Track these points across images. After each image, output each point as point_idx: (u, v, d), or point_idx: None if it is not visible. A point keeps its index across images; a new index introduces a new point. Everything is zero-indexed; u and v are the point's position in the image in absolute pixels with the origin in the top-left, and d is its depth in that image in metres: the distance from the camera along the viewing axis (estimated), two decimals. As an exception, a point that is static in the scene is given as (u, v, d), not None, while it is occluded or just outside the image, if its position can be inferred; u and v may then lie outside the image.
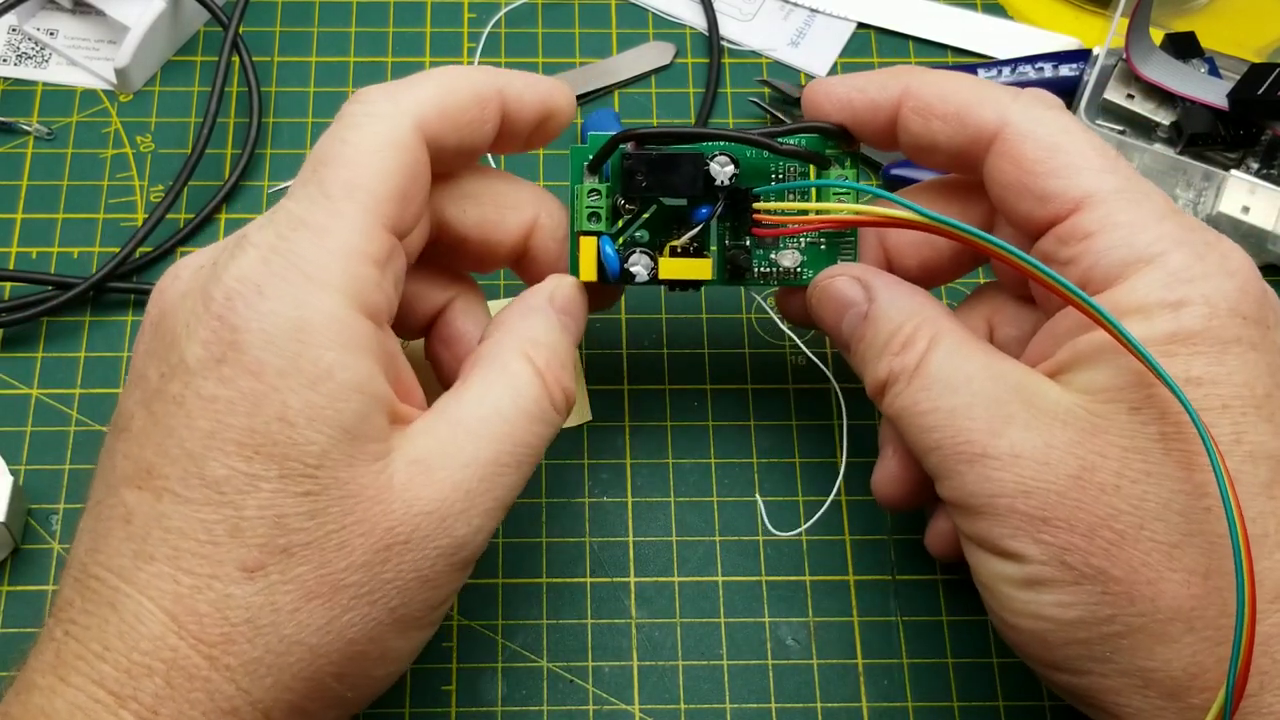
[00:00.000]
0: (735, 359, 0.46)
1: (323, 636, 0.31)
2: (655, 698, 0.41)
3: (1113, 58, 0.50)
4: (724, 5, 0.54)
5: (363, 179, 0.32)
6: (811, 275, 0.39)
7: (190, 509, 0.30)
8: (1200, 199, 0.48)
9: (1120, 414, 0.32)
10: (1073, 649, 0.32)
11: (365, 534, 0.31)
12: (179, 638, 0.30)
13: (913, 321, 0.35)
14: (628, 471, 0.44)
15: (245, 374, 0.30)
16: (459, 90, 0.35)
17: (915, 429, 0.34)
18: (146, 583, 0.30)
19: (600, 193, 0.37)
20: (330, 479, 0.30)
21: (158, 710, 0.30)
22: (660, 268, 0.37)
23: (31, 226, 0.48)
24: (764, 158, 0.38)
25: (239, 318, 0.31)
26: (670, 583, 0.43)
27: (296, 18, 0.53)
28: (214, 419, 0.30)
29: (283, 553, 0.30)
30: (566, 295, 0.37)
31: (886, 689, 0.41)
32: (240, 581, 0.30)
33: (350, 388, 0.31)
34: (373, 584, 0.31)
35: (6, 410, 0.45)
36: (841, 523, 0.44)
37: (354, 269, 0.32)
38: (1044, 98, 0.36)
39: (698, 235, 0.37)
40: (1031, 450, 0.32)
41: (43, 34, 0.52)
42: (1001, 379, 0.33)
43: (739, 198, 0.37)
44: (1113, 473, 0.31)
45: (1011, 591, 0.33)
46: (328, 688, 0.31)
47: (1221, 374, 0.31)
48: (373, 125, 0.33)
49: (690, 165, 0.37)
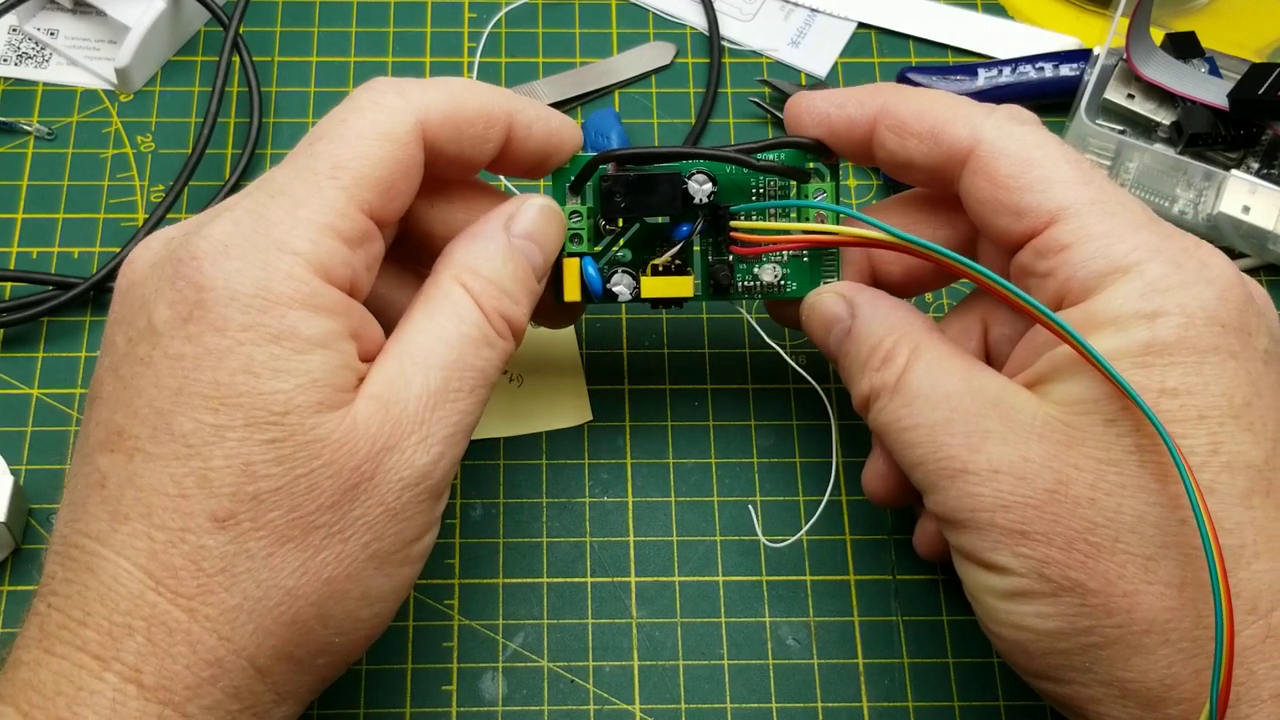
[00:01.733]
0: (735, 359, 0.46)
1: (299, 578, 0.31)
2: (656, 697, 0.41)
3: (1113, 58, 0.50)
4: (724, 5, 0.54)
5: (351, 161, 0.33)
6: (795, 287, 0.39)
7: (160, 465, 0.31)
8: (1200, 199, 0.48)
9: (1096, 426, 0.32)
10: (1054, 659, 0.32)
11: (333, 475, 0.31)
12: (157, 594, 0.30)
13: (892, 336, 0.36)
14: (628, 471, 0.44)
15: (210, 330, 0.31)
16: (468, 102, 0.35)
17: (899, 445, 0.35)
18: (122, 543, 0.31)
19: (582, 214, 0.38)
20: (296, 425, 0.31)
21: (140, 668, 0.30)
22: (642, 287, 0.38)
23: (31, 226, 0.48)
24: (743, 173, 0.38)
25: (205, 276, 0.31)
26: (671, 582, 0.43)
27: (296, 18, 0.53)
28: (181, 376, 0.31)
29: (252, 499, 0.30)
30: (529, 218, 0.36)
31: (887, 689, 0.41)
32: (212, 531, 0.30)
33: (313, 343, 0.31)
34: (343, 523, 0.31)
35: (6, 410, 0.45)
36: (842, 523, 0.44)
37: (323, 241, 0.32)
38: (1017, 114, 0.36)
39: (679, 253, 0.38)
40: (1009, 465, 0.32)
41: (43, 34, 0.52)
42: (979, 393, 0.33)
43: (719, 214, 0.38)
44: (1088, 485, 0.31)
45: (995, 602, 0.33)
46: (312, 631, 0.32)
47: (1198, 384, 0.31)
48: (374, 113, 0.34)
49: (668, 184, 0.37)
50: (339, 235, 0.32)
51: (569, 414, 0.45)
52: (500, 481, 0.44)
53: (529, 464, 0.44)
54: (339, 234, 0.32)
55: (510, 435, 0.45)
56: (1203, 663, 0.31)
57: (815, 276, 0.39)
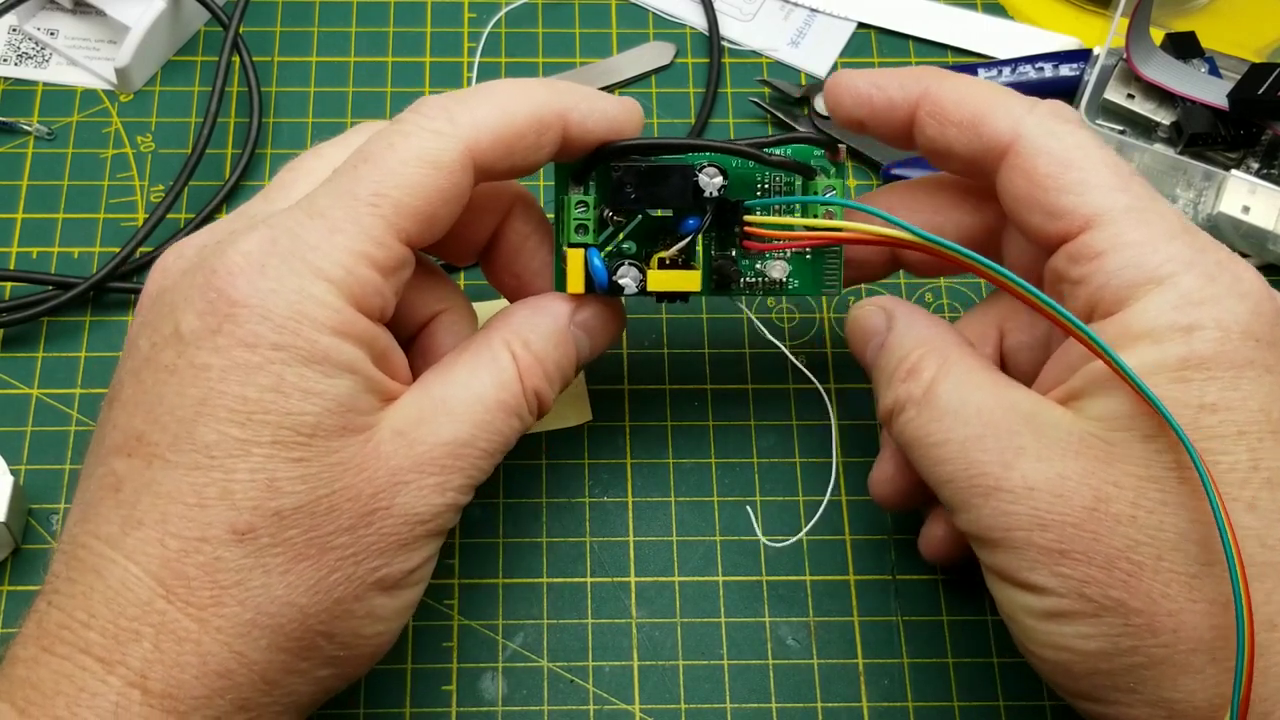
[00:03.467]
0: (735, 359, 0.46)
1: (312, 596, 0.31)
2: (656, 698, 0.41)
3: (1113, 58, 0.50)
4: (724, 5, 0.54)
5: (394, 189, 0.33)
6: (797, 285, 0.39)
7: (180, 473, 0.31)
8: (1200, 199, 0.48)
9: (1134, 442, 0.31)
10: (1097, 679, 0.32)
11: (353, 499, 0.31)
12: (167, 601, 0.30)
13: (920, 350, 0.35)
14: (628, 471, 0.44)
15: (240, 345, 0.31)
16: (518, 114, 0.34)
17: (928, 460, 0.34)
18: (134, 548, 0.30)
19: (587, 204, 0.37)
20: (322, 446, 0.31)
21: (146, 674, 0.30)
22: (649, 279, 0.37)
23: (31, 226, 0.48)
24: (750, 168, 0.38)
25: (238, 292, 0.31)
26: (670, 582, 0.43)
27: (296, 18, 0.53)
28: (206, 386, 0.31)
29: (274, 515, 0.31)
30: (590, 313, 0.37)
31: (887, 689, 0.41)
32: (230, 544, 0.30)
33: (342, 368, 0.32)
34: (356, 546, 0.32)
35: (6, 410, 0.45)
36: (842, 523, 0.44)
37: (358, 270, 0.32)
38: (1060, 110, 0.35)
39: (686, 247, 0.37)
40: (1045, 482, 0.32)
41: (43, 34, 0.52)
42: (1012, 409, 0.33)
43: (725, 209, 0.37)
44: (1128, 503, 0.31)
45: (1033, 623, 0.33)
46: (318, 647, 0.32)
47: (1236, 399, 0.31)
48: (422, 140, 0.33)
49: (679, 177, 0.37)
50: (374, 264, 0.32)
51: (569, 414, 0.45)
52: (500, 481, 0.44)
53: (529, 464, 0.44)
54: (374, 263, 0.32)
55: (510, 435, 0.45)
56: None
57: (818, 274, 0.39)
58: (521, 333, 0.35)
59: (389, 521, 0.32)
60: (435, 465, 0.33)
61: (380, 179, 0.33)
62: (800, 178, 0.38)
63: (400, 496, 0.32)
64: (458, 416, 0.33)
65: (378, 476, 0.32)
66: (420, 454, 0.33)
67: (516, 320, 0.36)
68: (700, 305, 0.47)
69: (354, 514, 0.31)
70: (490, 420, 0.34)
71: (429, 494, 0.33)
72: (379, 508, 0.32)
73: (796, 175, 0.38)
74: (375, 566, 0.32)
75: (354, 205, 0.32)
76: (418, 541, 0.33)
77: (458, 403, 0.34)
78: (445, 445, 0.33)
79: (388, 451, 0.32)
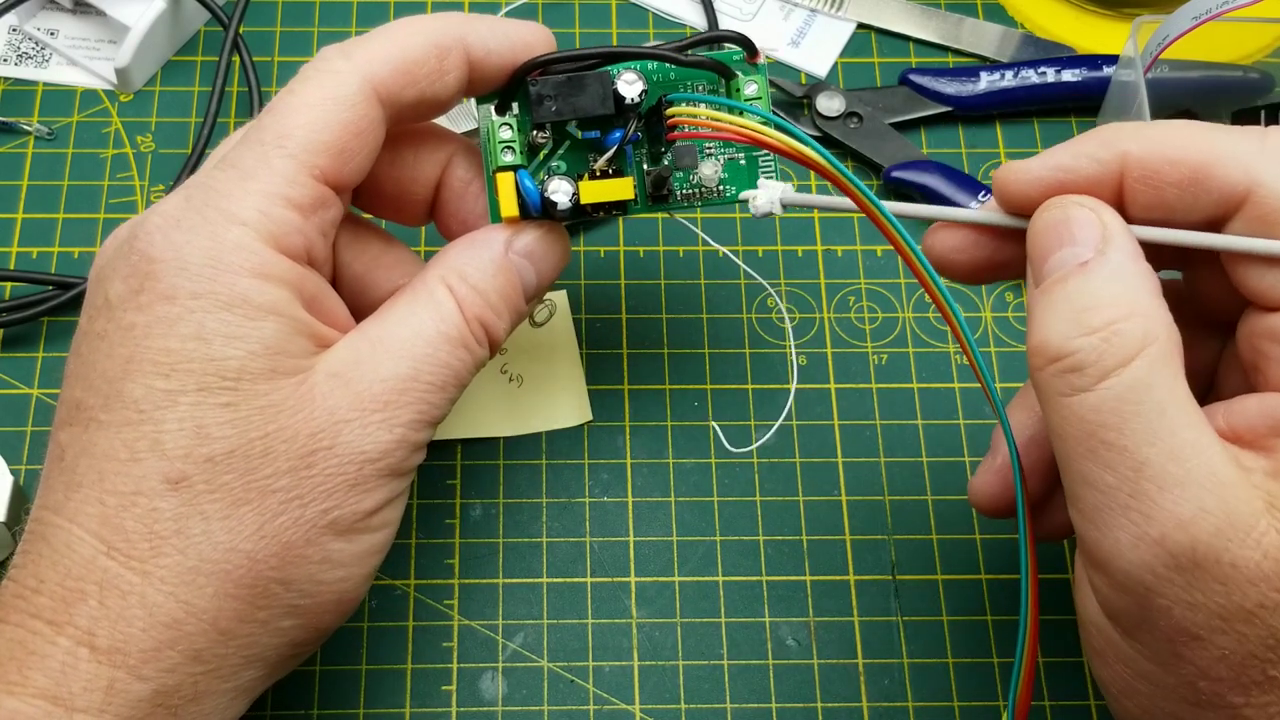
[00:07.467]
0: (735, 359, 0.46)
1: (258, 541, 0.31)
2: (655, 698, 0.41)
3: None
4: (724, 5, 0.54)
5: (297, 129, 0.33)
6: (734, 192, 0.38)
7: (112, 432, 0.31)
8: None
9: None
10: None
11: (288, 440, 0.31)
12: (109, 557, 0.30)
13: (1137, 321, 0.29)
14: (628, 471, 0.44)
15: (160, 299, 0.31)
16: (413, 44, 0.34)
17: (1099, 462, 0.29)
18: (75, 510, 0.31)
19: (510, 126, 0.37)
20: (250, 390, 0.31)
21: (94, 631, 0.30)
22: (581, 192, 0.36)
23: (31, 226, 0.48)
24: (670, 77, 0.37)
25: (155, 248, 0.32)
26: (670, 582, 0.43)
27: (296, 18, 0.53)
28: (132, 344, 0.31)
29: (206, 462, 0.31)
30: (531, 238, 0.36)
31: (887, 689, 0.41)
32: (165, 494, 0.31)
33: (265, 310, 0.32)
34: (300, 488, 0.32)
35: (6, 410, 0.45)
36: (842, 523, 0.44)
37: (272, 210, 0.32)
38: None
39: (614, 157, 0.37)
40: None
41: (43, 34, 0.52)
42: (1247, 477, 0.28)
43: (651, 117, 0.37)
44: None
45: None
46: (274, 594, 0.32)
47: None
48: (320, 80, 0.34)
49: (598, 84, 0.36)
50: (290, 203, 0.33)
51: (569, 414, 0.45)
52: (500, 481, 0.44)
53: (529, 464, 0.44)
54: (290, 202, 0.33)
55: (510, 435, 0.45)
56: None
57: (753, 178, 0.38)
58: (456, 266, 0.35)
59: (333, 461, 0.32)
60: (377, 402, 0.32)
61: (283, 122, 0.33)
62: (722, 78, 0.38)
63: (343, 435, 0.32)
64: (395, 353, 0.33)
65: (315, 417, 0.32)
66: (359, 391, 0.32)
67: (451, 256, 0.36)
68: (701, 306, 0.47)
69: (292, 455, 0.31)
70: (432, 353, 0.34)
71: (374, 430, 0.32)
72: (319, 448, 0.32)
73: (717, 76, 0.37)
74: (326, 509, 0.32)
75: (261, 150, 0.33)
76: (369, 481, 0.33)
77: (395, 340, 0.33)
78: (385, 382, 0.33)
79: (323, 392, 0.32)
